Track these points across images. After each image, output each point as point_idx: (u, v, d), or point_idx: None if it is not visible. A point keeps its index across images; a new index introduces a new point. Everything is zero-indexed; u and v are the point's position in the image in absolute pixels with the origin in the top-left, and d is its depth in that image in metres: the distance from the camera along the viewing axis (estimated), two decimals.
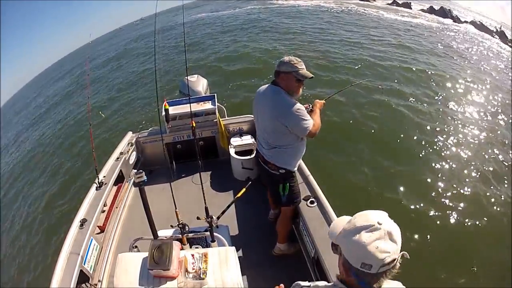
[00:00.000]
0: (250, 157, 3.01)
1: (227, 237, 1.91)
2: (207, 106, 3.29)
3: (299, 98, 1.85)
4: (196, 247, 1.79)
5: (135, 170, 2.60)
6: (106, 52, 24.80)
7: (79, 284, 1.84)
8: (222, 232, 1.89)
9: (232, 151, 3.15)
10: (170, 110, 3.22)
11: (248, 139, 3.28)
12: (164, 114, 3.18)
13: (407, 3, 31.06)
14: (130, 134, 3.44)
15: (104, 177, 2.69)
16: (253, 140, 3.24)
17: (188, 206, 2.18)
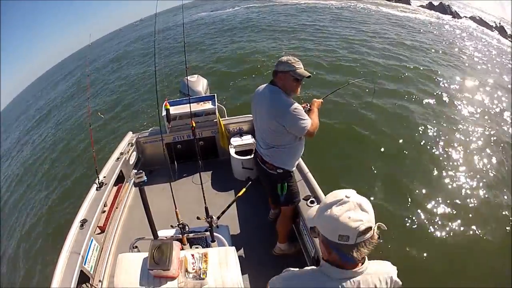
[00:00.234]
0: (250, 157, 3.00)
1: (227, 237, 1.91)
2: (207, 106, 3.29)
3: (300, 98, 1.83)
4: (196, 247, 1.79)
5: (135, 170, 2.61)
6: (106, 53, 24.83)
7: (80, 284, 1.85)
8: (222, 232, 1.88)
9: (232, 151, 3.15)
10: (170, 110, 3.22)
11: (248, 139, 3.28)
12: (165, 114, 3.18)
13: None
14: (130, 134, 3.44)
15: (104, 177, 2.69)
16: (253, 140, 3.23)
17: (188, 206, 2.18)
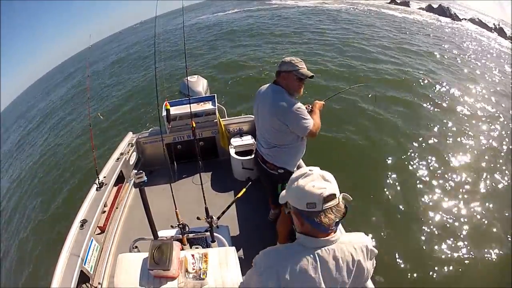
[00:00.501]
0: (251, 157, 2.99)
1: (227, 237, 1.90)
2: (207, 106, 3.28)
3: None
4: (196, 247, 1.78)
5: (135, 171, 2.61)
6: (106, 55, 24.90)
7: (80, 284, 1.84)
8: (222, 232, 1.88)
9: (232, 151, 3.14)
10: (171, 110, 3.21)
11: (248, 139, 3.28)
12: (165, 114, 3.17)
13: (406, 2, 31.10)
14: (130, 134, 3.43)
15: (104, 177, 2.69)
16: (253, 140, 3.23)
17: (188, 206, 2.18)
